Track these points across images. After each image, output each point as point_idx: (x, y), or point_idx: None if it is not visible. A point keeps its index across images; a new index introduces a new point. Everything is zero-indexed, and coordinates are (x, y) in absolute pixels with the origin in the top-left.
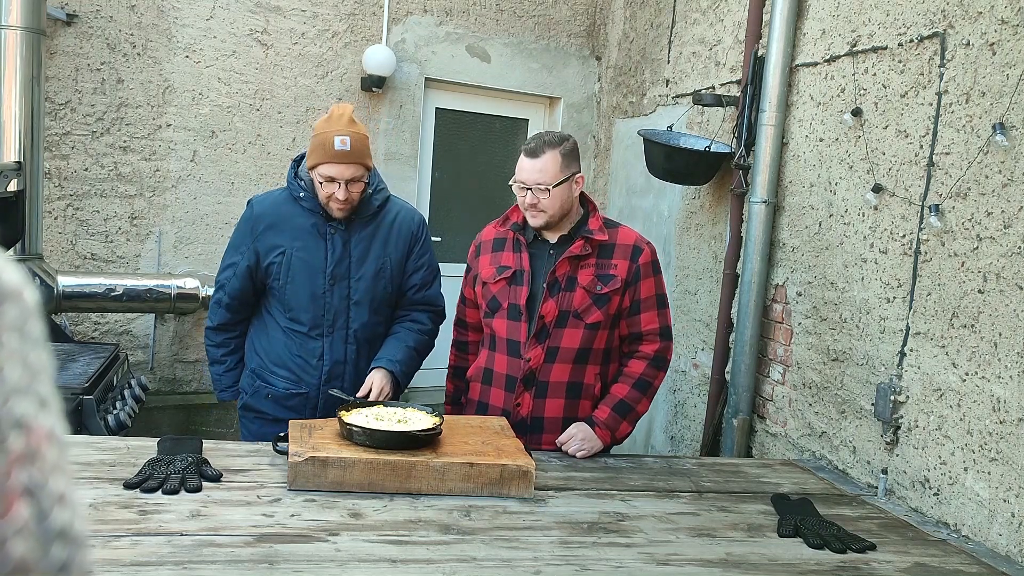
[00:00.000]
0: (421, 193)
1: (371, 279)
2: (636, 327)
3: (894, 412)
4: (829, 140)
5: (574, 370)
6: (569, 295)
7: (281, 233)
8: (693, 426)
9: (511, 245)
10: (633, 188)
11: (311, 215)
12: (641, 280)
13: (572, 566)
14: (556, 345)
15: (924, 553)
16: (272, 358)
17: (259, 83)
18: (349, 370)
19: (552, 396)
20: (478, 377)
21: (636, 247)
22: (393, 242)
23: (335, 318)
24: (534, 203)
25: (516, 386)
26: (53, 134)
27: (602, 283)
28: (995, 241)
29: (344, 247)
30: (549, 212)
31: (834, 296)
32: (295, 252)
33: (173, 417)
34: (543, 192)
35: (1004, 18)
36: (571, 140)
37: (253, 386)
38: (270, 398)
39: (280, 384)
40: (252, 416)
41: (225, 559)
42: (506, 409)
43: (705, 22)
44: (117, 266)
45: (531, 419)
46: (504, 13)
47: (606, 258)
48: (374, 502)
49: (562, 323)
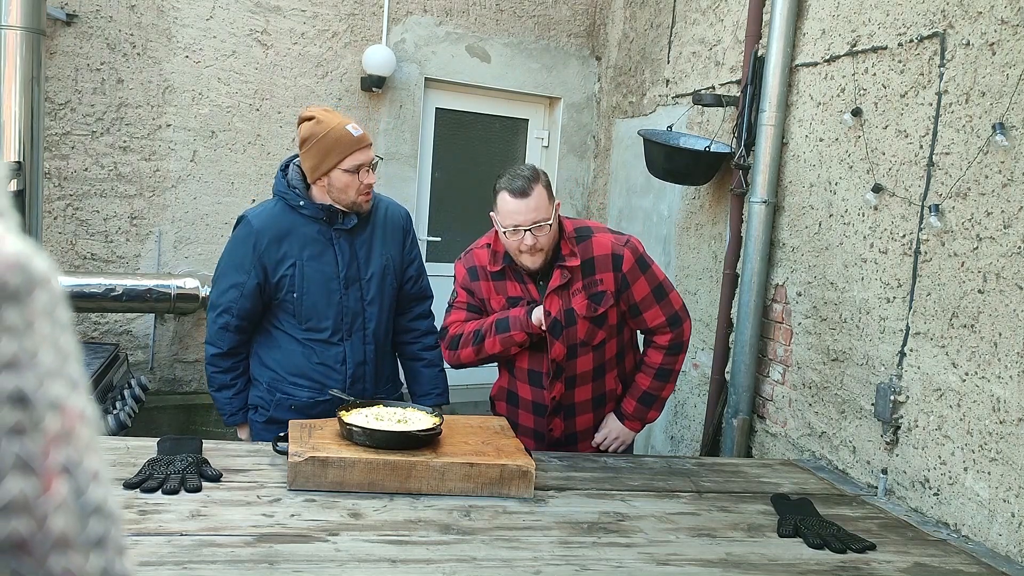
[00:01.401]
0: (421, 193)
1: (380, 277)
2: (643, 325)
3: (894, 412)
4: (829, 140)
5: (595, 386)
6: (572, 329)
7: (287, 245)
8: (693, 426)
9: (512, 277)
10: (633, 188)
11: (314, 223)
12: (631, 285)
13: (572, 566)
14: (573, 374)
15: (924, 553)
16: (289, 369)
17: (259, 83)
18: (369, 370)
19: (580, 414)
20: (503, 397)
21: (615, 255)
22: (390, 237)
23: (353, 320)
24: (533, 244)
25: (545, 411)
26: (53, 134)
27: (595, 303)
28: (995, 241)
29: (351, 250)
30: (547, 247)
31: (834, 296)
32: (306, 262)
33: (173, 417)
34: (542, 230)
35: (1004, 18)
36: (542, 171)
37: (273, 399)
38: (294, 409)
39: (303, 395)
40: (277, 428)
41: (225, 559)
42: (538, 431)
43: (705, 22)
44: (117, 266)
45: (565, 437)
46: (504, 13)
47: (590, 275)
48: (374, 502)
49: (572, 355)
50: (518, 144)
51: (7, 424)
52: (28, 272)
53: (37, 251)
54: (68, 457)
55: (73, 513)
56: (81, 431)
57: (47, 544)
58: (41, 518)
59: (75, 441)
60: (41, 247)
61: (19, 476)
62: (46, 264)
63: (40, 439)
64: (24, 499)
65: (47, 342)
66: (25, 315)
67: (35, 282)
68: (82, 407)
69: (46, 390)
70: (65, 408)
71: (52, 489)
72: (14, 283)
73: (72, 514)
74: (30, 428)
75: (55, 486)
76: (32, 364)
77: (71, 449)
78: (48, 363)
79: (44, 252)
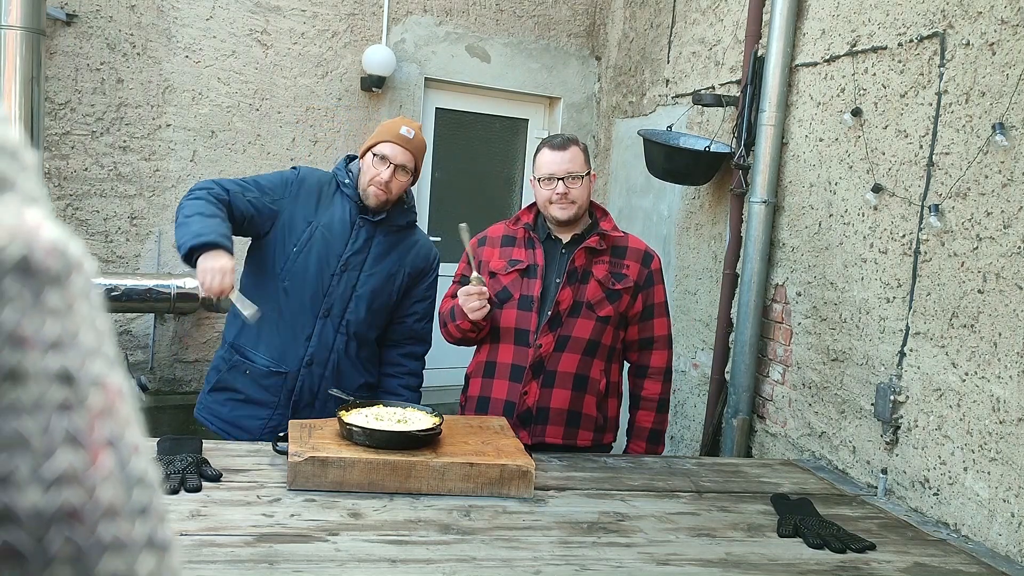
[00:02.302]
0: (421, 193)
1: (381, 280)
2: (648, 332)
3: (894, 412)
4: (829, 140)
5: (582, 362)
6: (583, 287)
7: (315, 205)
8: (693, 426)
9: (523, 242)
10: (633, 188)
11: (347, 202)
12: (654, 285)
13: (572, 566)
14: (568, 334)
15: (924, 553)
16: (256, 331)
17: (259, 83)
18: (332, 359)
19: (559, 386)
20: (479, 372)
21: (648, 253)
22: (410, 261)
23: (333, 303)
24: (565, 192)
25: (523, 375)
26: (53, 134)
27: (615, 280)
28: (995, 241)
29: (366, 242)
30: (579, 202)
31: (834, 296)
32: (319, 228)
33: (173, 417)
34: (575, 181)
35: (1004, 18)
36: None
37: (230, 361)
38: (248, 374)
39: (260, 360)
40: (223, 399)
41: (225, 559)
42: (510, 400)
43: (705, 22)
44: (117, 266)
45: (537, 409)
46: (504, 13)
47: (619, 257)
48: (374, 502)
49: (575, 313)
50: (518, 144)
51: (56, 401)
52: (66, 256)
53: (72, 237)
54: (111, 431)
55: (119, 483)
56: (121, 406)
57: (97, 513)
58: (91, 489)
59: (116, 416)
60: (74, 234)
61: (69, 450)
62: (80, 249)
63: (85, 415)
64: (75, 471)
65: (86, 323)
66: (66, 298)
67: (72, 266)
68: (120, 383)
69: (88, 368)
70: (106, 385)
71: (99, 461)
72: (55, 267)
73: (118, 484)
74: (76, 404)
75: (101, 458)
76: (74, 344)
77: (113, 423)
78: (88, 342)
79: (77, 238)
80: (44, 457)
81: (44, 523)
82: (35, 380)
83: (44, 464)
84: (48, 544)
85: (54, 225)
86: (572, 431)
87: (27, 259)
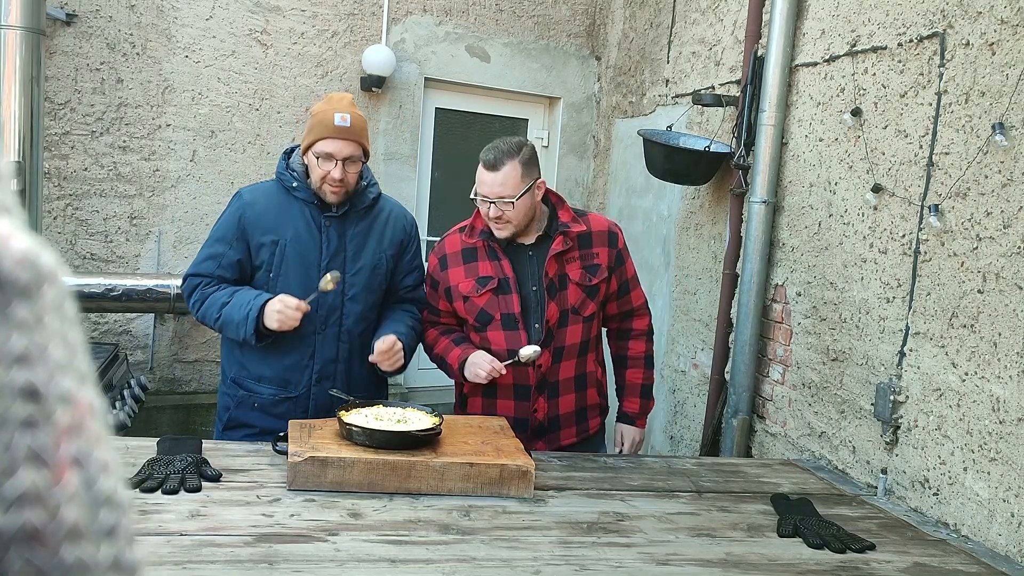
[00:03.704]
0: (421, 193)
1: (368, 275)
2: (628, 305)
3: (894, 412)
4: (829, 140)
5: (578, 363)
6: (563, 293)
7: (273, 222)
8: (693, 426)
9: (485, 254)
10: (633, 188)
11: (305, 206)
12: (624, 262)
13: (572, 566)
14: (562, 345)
15: (924, 553)
16: (255, 360)
17: (259, 83)
18: (341, 369)
19: (563, 394)
20: (477, 392)
21: (611, 232)
22: (388, 238)
23: (328, 314)
24: (498, 216)
25: (529, 393)
26: (52, 134)
27: (590, 274)
28: (995, 241)
29: (340, 240)
30: (515, 223)
31: (834, 296)
32: (288, 243)
33: (173, 417)
34: (507, 205)
35: (1004, 18)
36: (529, 146)
37: (236, 396)
38: (257, 407)
39: (266, 391)
40: (239, 436)
41: (225, 559)
42: (520, 417)
43: (705, 22)
44: (116, 266)
45: (548, 420)
46: (504, 13)
47: (587, 248)
48: (374, 502)
49: (563, 323)
50: None
51: (19, 417)
52: (37, 268)
53: (44, 247)
54: (79, 449)
55: (84, 503)
56: (90, 423)
57: (60, 534)
58: (54, 509)
59: (85, 433)
60: (47, 244)
61: (32, 468)
62: (53, 260)
63: (51, 432)
64: (37, 490)
65: (56, 337)
66: (35, 310)
67: (44, 278)
68: (91, 400)
69: (56, 384)
70: (75, 401)
71: (64, 480)
72: (24, 279)
73: (83, 504)
74: (42, 421)
75: (67, 477)
76: (42, 359)
77: (81, 441)
78: (58, 357)
79: (51, 248)
80: (5, 476)
81: (3, 544)
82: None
83: (5, 483)
84: (7, 566)
85: (25, 235)
86: (583, 426)
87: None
